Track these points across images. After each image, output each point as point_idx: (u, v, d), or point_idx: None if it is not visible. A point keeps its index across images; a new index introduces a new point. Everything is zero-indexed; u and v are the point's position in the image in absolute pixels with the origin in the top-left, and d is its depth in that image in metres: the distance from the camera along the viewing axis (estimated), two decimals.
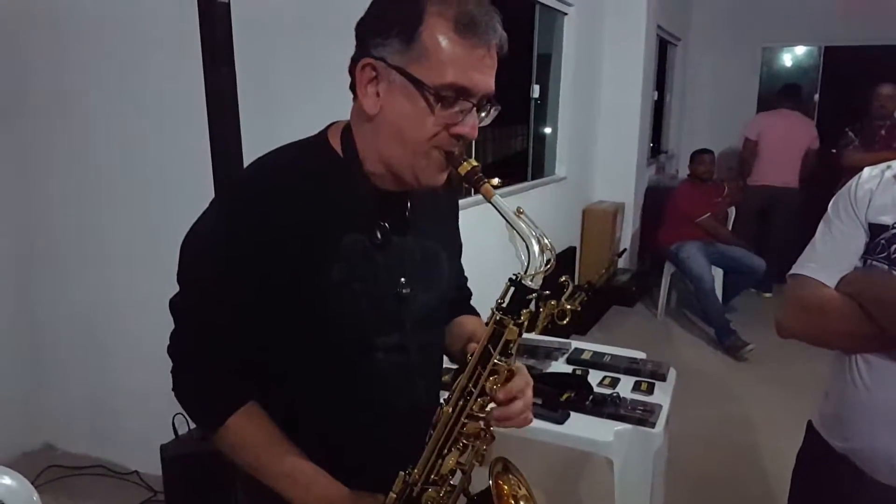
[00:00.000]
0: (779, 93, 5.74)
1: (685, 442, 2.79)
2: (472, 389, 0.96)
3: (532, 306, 0.94)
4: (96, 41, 2.52)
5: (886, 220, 1.22)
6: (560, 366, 2.33)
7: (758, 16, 6.71)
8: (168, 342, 1.02)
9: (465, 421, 0.97)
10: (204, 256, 0.97)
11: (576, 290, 4.63)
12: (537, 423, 1.91)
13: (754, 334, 4.33)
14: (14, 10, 2.62)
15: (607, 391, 2.08)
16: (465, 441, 0.99)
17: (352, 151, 0.98)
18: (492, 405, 0.97)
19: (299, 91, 2.45)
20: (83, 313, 2.80)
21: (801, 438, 1.44)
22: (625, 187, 5.59)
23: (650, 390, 2.12)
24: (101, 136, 2.64)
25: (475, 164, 0.93)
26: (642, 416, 1.93)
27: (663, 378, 2.20)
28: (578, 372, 2.24)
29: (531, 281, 0.91)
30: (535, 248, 0.90)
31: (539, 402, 2.01)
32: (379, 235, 0.98)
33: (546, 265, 0.91)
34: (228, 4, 2.00)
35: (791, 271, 1.33)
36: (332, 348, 0.99)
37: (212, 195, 1.20)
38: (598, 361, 2.32)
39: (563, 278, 4.43)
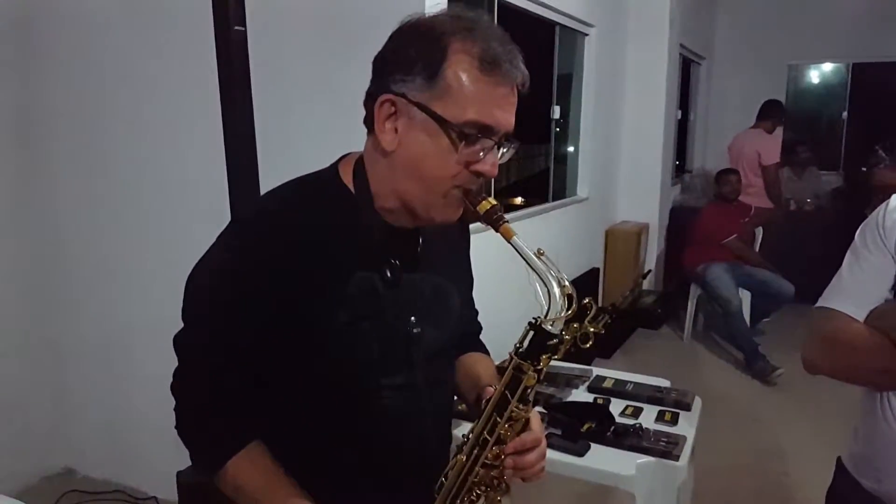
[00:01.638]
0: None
1: (711, 472, 2.70)
2: (488, 437, 0.93)
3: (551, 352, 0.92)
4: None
5: None
6: (581, 394, 2.27)
7: (783, 32, 6.63)
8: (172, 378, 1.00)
9: (480, 470, 0.94)
10: (208, 293, 0.96)
11: (599, 313, 4.53)
12: (556, 455, 1.87)
13: (784, 358, 4.22)
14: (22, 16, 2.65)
15: (630, 421, 2.02)
16: (478, 490, 0.96)
17: (364, 187, 0.96)
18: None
19: (315, 116, 2.45)
20: (104, 340, 2.81)
21: (831, 469, 1.37)
22: (649, 207, 5.51)
23: (674, 420, 2.06)
24: (120, 158, 2.66)
25: (494, 202, 0.91)
26: (666, 448, 1.87)
27: (688, 408, 2.13)
28: (600, 401, 2.18)
29: (551, 325, 0.89)
30: (556, 290, 0.88)
31: (558, 432, 1.96)
32: (389, 273, 0.95)
33: (567, 310, 0.88)
34: (245, 32, 2.01)
35: (818, 303, 1.27)
36: (337, 388, 0.97)
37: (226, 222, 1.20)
38: (620, 390, 2.26)
39: (587, 300, 4.33)
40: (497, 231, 0.90)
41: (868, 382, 1.24)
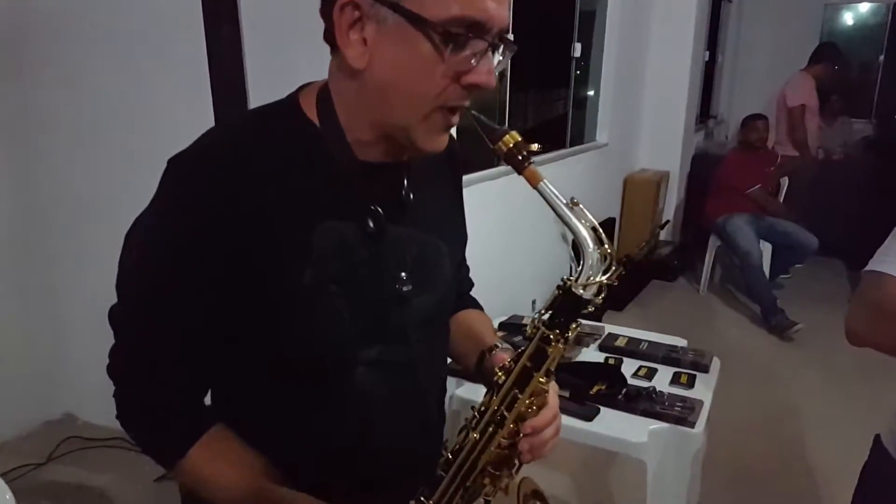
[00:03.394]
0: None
1: (724, 430, 2.61)
2: (506, 413, 0.81)
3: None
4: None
5: None
6: (591, 353, 2.16)
7: None
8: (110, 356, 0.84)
9: (494, 450, 0.82)
10: (142, 253, 0.79)
11: (612, 264, 4.43)
12: (563, 419, 1.75)
13: (803, 313, 4.09)
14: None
15: (643, 384, 1.92)
16: (489, 472, 0.84)
17: (331, 118, 0.79)
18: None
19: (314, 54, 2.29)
20: (102, 286, 2.73)
21: (848, 430, 1.26)
22: (670, 155, 5.30)
23: (690, 383, 1.95)
24: (105, 119, 2.53)
25: (518, 137, 0.74)
26: (681, 413, 1.77)
27: (706, 369, 2.02)
28: (611, 361, 2.08)
29: (583, 290, 0.75)
30: (591, 247, 0.74)
31: (566, 395, 1.85)
32: (371, 223, 0.79)
33: (604, 272, 0.75)
34: (238, 30, 1.84)
35: (868, 266, 1.11)
36: (302, 366, 0.82)
37: None
38: (633, 349, 2.16)
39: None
40: (520, 174, 0.74)
41: None
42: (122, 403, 0.83)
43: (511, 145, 0.74)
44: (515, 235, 3.45)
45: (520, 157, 0.74)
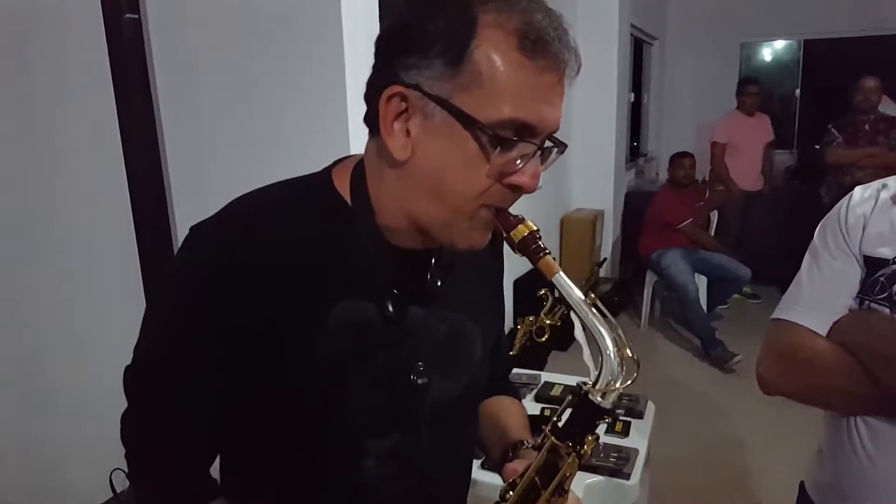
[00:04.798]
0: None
1: (669, 465, 2.59)
2: None
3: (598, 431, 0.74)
4: None
5: (885, 252, 1.01)
6: (528, 404, 2.11)
7: (735, 10, 6.54)
8: (121, 422, 0.83)
9: None
10: (159, 319, 0.79)
11: (555, 304, 4.43)
12: (497, 478, 1.70)
13: (742, 344, 4.14)
14: None
15: None
16: None
17: (363, 198, 0.76)
18: None
19: (228, 113, 2.23)
20: (10, 366, 2.57)
21: (793, 460, 1.25)
22: (603, 194, 5.39)
23: (626, 431, 1.91)
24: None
25: (532, 226, 0.72)
26: (616, 465, 1.72)
27: (640, 415, 1.98)
28: (547, 412, 2.03)
29: (602, 398, 0.70)
30: (611, 350, 0.70)
31: None
32: (390, 307, 0.76)
33: (625, 378, 0.70)
34: (139, 20, 1.80)
35: (774, 314, 1.11)
36: (308, 450, 0.79)
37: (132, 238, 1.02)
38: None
39: (542, 291, 4.22)
40: (535, 265, 0.71)
41: (832, 406, 1.09)
42: (131, 467, 0.84)
43: (525, 234, 0.71)
44: None
45: (534, 247, 0.71)
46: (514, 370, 2.43)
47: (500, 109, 0.66)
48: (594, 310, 0.70)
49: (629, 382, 0.70)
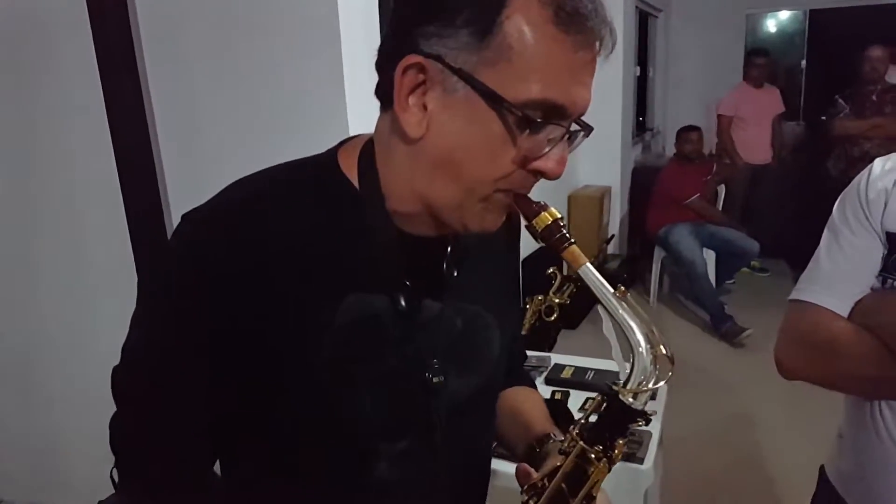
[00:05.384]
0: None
1: (680, 443, 2.60)
2: None
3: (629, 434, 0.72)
4: None
5: None
6: (539, 388, 2.11)
7: None
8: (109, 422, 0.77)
9: None
10: (150, 317, 0.71)
11: (564, 282, 4.43)
12: (509, 465, 1.70)
13: (752, 318, 4.15)
14: None
15: (592, 417, 1.87)
16: None
17: (372, 180, 0.71)
18: None
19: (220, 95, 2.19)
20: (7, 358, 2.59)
21: (805, 436, 1.23)
22: (611, 170, 5.34)
23: None
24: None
25: (557, 215, 0.68)
26: (629, 449, 1.72)
27: (652, 395, 1.99)
28: (558, 396, 2.03)
29: (633, 398, 0.67)
30: (643, 347, 0.66)
31: None
32: (402, 300, 0.71)
33: (659, 377, 0.66)
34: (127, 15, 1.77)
35: (792, 295, 1.08)
36: (316, 455, 0.74)
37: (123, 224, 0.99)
38: (579, 380, 2.11)
39: (551, 270, 4.22)
40: (560, 255, 0.67)
41: (856, 391, 1.06)
42: (122, 476, 0.77)
43: (549, 222, 0.67)
44: None
45: (559, 237, 0.67)
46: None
47: (529, 88, 0.61)
48: (624, 304, 0.66)
49: (663, 383, 0.66)
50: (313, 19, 1.88)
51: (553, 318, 4.15)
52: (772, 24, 6.85)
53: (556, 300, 4.19)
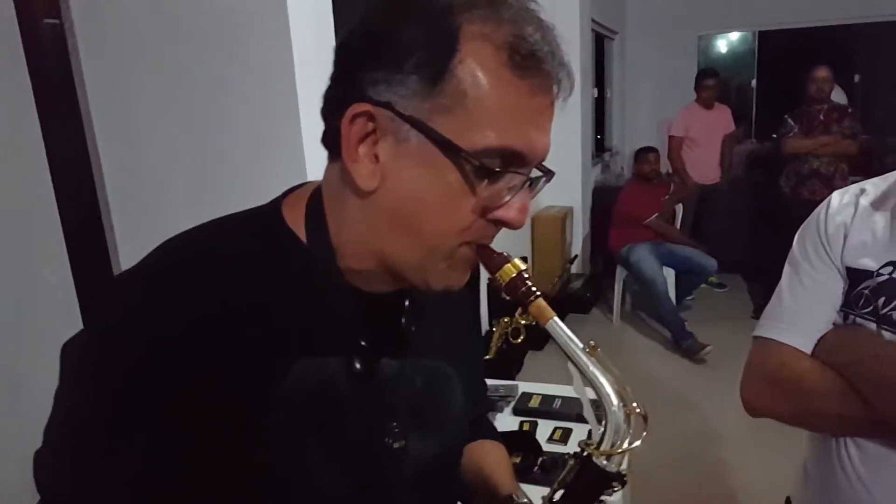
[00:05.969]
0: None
1: (644, 462, 2.63)
2: None
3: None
4: None
5: (868, 263, 0.97)
6: (506, 418, 2.13)
7: (692, 2, 6.64)
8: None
9: None
10: (79, 394, 0.63)
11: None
12: None
13: (711, 334, 4.24)
14: None
15: (559, 448, 1.90)
16: None
17: (321, 234, 0.66)
18: None
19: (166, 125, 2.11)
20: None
21: (771, 451, 1.23)
22: (571, 191, 5.42)
23: None
24: None
25: (521, 266, 0.64)
26: None
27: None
28: (526, 426, 2.05)
29: (607, 460, 0.64)
30: (615, 405, 0.63)
31: None
32: (357, 363, 0.66)
33: (633, 438, 0.63)
34: (62, 26, 1.73)
35: (756, 331, 1.08)
36: None
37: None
38: (547, 409, 2.13)
39: None
40: (525, 310, 0.63)
41: (822, 429, 1.06)
42: None
43: (513, 275, 0.63)
44: None
45: (524, 290, 0.63)
46: (490, 382, 2.45)
47: (486, 135, 0.58)
48: (598, 359, 0.63)
49: (638, 443, 0.63)
50: (268, 54, 1.86)
51: (520, 339, 4.19)
52: (723, 45, 7.08)
53: (523, 322, 4.23)
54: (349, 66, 0.62)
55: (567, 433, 2.00)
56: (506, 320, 4.12)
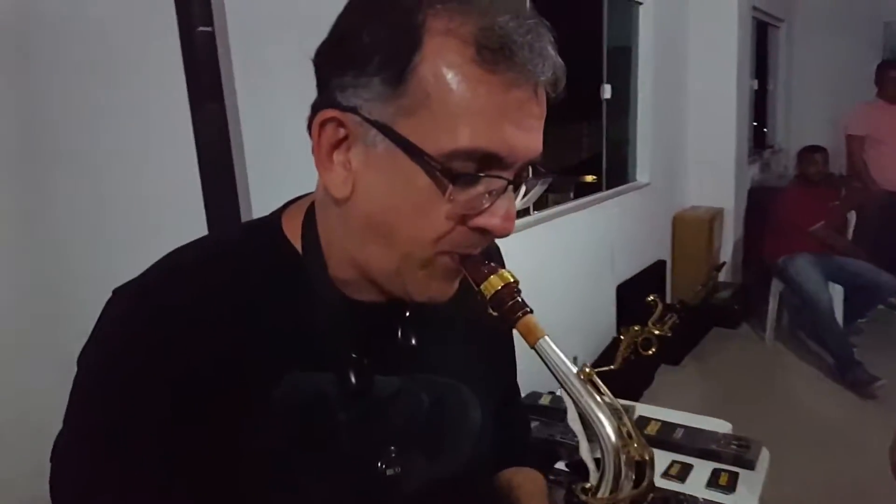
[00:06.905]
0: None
1: None
2: None
3: None
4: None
5: None
6: None
7: None
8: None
9: None
10: (90, 395, 0.64)
11: (666, 312, 4.08)
12: None
13: (887, 366, 3.61)
14: None
15: (675, 486, 1.60)
16: None
17: (314, 245, 0.66)
18: None
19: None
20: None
21: None
22: (723, 190, 4.95)
23: (731, 485, 1.61)
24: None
25: (510, 278, 0.60)
26: None
27: (750, 465, 1.68)
28: None
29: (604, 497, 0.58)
30: (610, 440, 0.57)
31: None
32: (353, 377, 0.63)
33: (635, 484, 0.57)
34: (213, 34, 1.79)
35: None
36: None
37: None
38: (666, 439, 1.83)
39: (651, 298, 3.89)
40: (513, 327, 0.59)
41: None
42: None
43: (499, 287, 0.59)
44: (548, 278, 3.18)
45: (511, 304, 0.59)
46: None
47: (455, 137, 0.54)
48: (593, 385, 0.56)
49: (640, 489, 0.56)
50: None
51: (651, 351, 3.82)
52: None
53: (656, 331, 3.85)
54: (321, 72, 0.61)
55: (687, 469, 1.69)
56: (636, 328, 3.75)
